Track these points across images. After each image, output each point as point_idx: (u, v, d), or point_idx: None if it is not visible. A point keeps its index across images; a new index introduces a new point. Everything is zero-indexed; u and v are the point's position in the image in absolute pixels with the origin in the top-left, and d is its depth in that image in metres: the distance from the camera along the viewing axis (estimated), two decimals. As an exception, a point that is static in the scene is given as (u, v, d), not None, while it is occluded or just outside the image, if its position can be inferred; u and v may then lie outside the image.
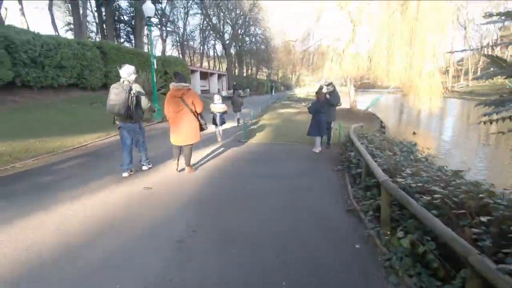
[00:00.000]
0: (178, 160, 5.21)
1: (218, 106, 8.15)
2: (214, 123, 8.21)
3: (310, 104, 7.26)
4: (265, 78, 55.57)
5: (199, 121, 5.02)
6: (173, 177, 4.97)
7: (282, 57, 20.61)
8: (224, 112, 8.28)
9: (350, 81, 19.09)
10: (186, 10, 39.06)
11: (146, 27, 17.98)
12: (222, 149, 7.31)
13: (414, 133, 14.92)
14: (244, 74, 49.86)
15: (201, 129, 5.11)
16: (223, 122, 8.33)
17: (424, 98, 14.80)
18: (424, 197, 2.46)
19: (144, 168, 5.32)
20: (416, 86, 14.82)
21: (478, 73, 49.19)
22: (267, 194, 4.28)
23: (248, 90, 35.57)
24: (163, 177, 4.98)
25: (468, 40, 53.94)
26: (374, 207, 3.30)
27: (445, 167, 4.26)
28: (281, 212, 3.66)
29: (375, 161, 3.86)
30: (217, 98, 8.23)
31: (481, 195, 2.37)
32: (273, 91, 33.49)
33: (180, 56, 40.23)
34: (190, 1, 38.36)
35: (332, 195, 4.22)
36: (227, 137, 8.93)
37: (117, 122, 4.78)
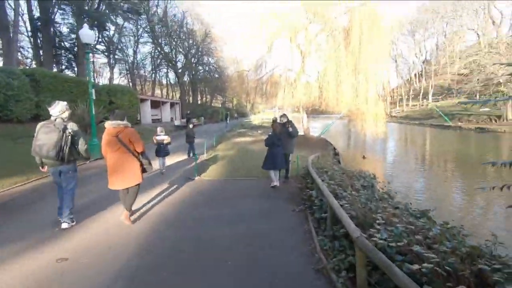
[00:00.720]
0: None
1: (160, 138, 7.97)
2: (157, 155, 8.01)
3: (267, 136, 6.86)
4: (220, 106, 55.62)
5: (139, 161, 4.45)
6: (101, 238, 3.96)
7: (236, 86, 20.64)
8: (168, 143, 8.14)
9: (303, 108, 19.62)
10: (136, 38, 37.99)
11: (91, 54, 16.65)
12: (169, 190, 6.42)
13: (364, 157, 15.60)
14: (199, 102, 49.28)
15: (143, 170, 4.54)
16: (166, 153, 8.17)
17: (370, 123, 15.67)
18: (411, 266, 2.00)
19: (64, 226, 4.21)
20: (362, 113, 15.68)
21: (410, 100, 55.63)
22: (222, 249, 3.57)
23: (203, 118, 34.89)
24: (88, 239, 3.94)
25: (399, 72, 61.08)
26: (347, 265, 2.78)
27: (410, 204, 4.02)
28: (238, 277, 2.96)
29: (341, 205, 3.42)
30: (159, 130, 8.12)
31: (474, 262, 1.98)
32: (228, 119, 33.23)
33: (130, 84, 38.39)
34: (140, 30, 37.53)
35: (296, 246, 3.65)
36: (176, 174, 8.05)
37: (45, 166, 4.16)
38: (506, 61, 28.25)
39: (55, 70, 24.17)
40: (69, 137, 4.02)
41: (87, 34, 10.20)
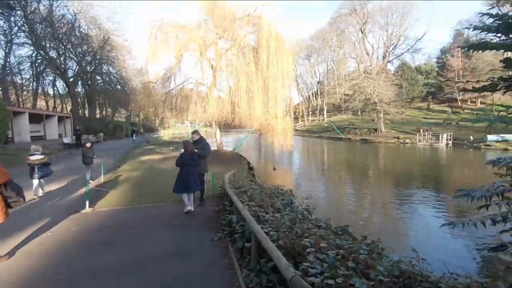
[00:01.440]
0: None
1: (34, 158, 6.91)
2: (32, 177, 6.96)
3: (178, 156, 6.09)
4: (125, 120, 50.26)
5: (1, 195, 3.59)
6: None
7: (142, 99, 18.77)
8: (45, 164, 7.08)
9: (215, 123, 19.30)
10: (8, 38, 30.70)
11: None
12: (46, 229, 4.91)
13: (274, 168, 16.36)
14: (98, 116, 43.24)
15: (8, 205, 3.70)
16: (45, 174, 7.09)
17: (280, 137, 16.55)
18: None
19: None
20: (273, 127, 16.44)
21: (310, 116, 62.79)
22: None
23: (102, 134, 30.58)
24: None
25: (300, 90, 68.38)
26: (279, 307, 2.39)
27: (329, 220, 4.02)
28: None
29: (267, 233, 3.06)
30: (34, 148, 7.19)
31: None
32: (134, 134, 30.05)
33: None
34: (15, 28, 30.62)
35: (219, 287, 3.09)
36: (59, 205, 6.38)
37: None
38: (377, 85, 35.05)
39: None
40: None
41: None
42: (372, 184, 13.49)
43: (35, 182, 6.97)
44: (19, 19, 29.78)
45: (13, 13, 28.88)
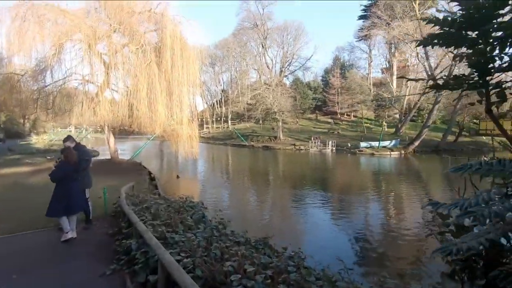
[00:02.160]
0: None
1: None
2: None
3: (53, 168, 4.68)
4: (-26, 123, 38.31)
5: None
6: None
7: (2, 95, 14.53)
8: None
9: (108, 128, 16.77)
10: None
11: None
12: None
13: (177, 176, 15.41)
14: None
15: None
16: None
17: (184, 144, 15.68)
18: None
19: None
20: (177, 133, 15.42)
21: (215, 123, 63.04)
22: None
23: None
24: None
25: (204, 97, 67.96)
26: None
27: (246, 232, 3.73)
28: None
29: (178, 260, 2.49)
30: None
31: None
32: (-10, 141, 23.14)
33: None
34: None
35: None
36: None
37: None
38: (277, 96, 38.12)
39: None
40: None
41: None
42: (274, 188, 14.40)
43: None
44: None
45: None
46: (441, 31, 1.72)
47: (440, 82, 2.06)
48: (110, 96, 14.43)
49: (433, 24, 1.72)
